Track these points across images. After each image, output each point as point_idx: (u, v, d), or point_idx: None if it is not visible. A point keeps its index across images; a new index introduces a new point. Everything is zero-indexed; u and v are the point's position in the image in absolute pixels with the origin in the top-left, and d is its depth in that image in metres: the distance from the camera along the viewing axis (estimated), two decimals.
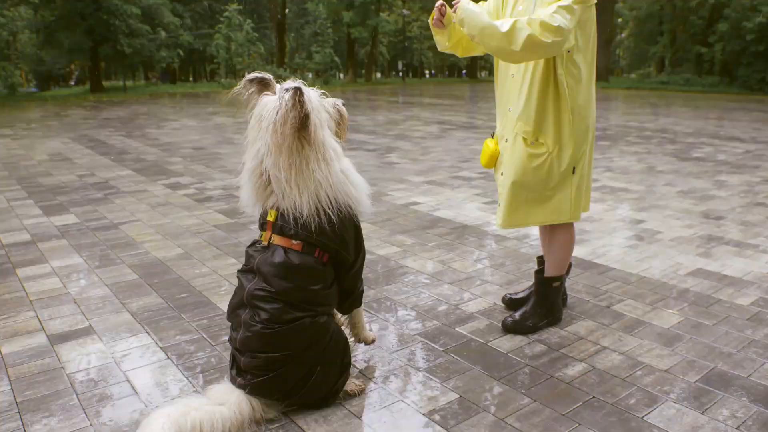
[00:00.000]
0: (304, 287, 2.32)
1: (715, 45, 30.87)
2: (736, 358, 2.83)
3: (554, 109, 2.86)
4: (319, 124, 2.30)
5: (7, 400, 2.50)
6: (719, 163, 8.37)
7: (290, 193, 2.30)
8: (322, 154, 2.30)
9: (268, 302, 2.28)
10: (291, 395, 2.35)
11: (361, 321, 2.79)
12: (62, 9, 28.21)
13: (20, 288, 3.76)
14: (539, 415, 2.37)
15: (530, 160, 2.91)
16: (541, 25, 2.58)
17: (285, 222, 2.35)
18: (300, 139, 2.25)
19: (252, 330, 2.29)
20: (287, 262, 2.32)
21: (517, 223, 3.04)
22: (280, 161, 2.25)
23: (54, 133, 12.10)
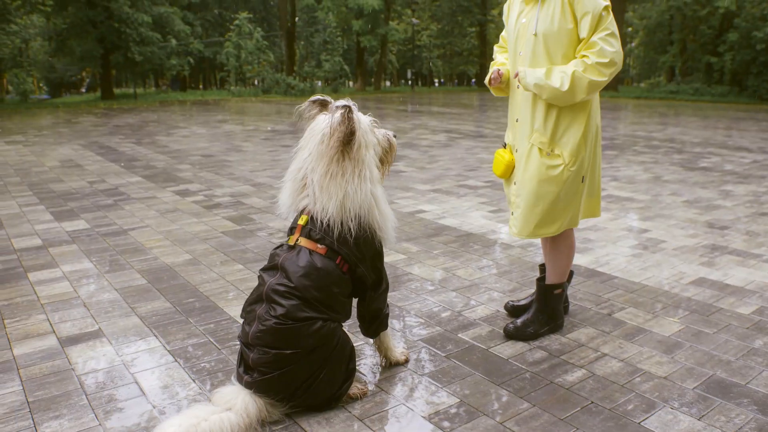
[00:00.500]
0: (322, 287, 2.43)
1: (725, 55, 30.83)
2: (735, 366, 2.86)
3: (570, 120, 2.94)
4: (363, 144, 2.49)
5: (19, 400, 2.56)
6: (726, 173, 8.39)
7: (320, 197, 2.46)
8: (358, 169, 2.47)
9: (286, 298, 2.38)
10: (296, 396, 2.41)
11: (389, 343, 2.85)
12: (74, 17, 28.52)
13: (32, 291, 3.84)
14: (538, 420, 2.41)
15: (546, 171, 2.97)
16: (597, 66, 2.77)
17: (314, 227, 2.51)
18: (342, 152, 2.44)
19: (266, 324, 2.37)
20: (311, 262, 2.45)
21: (532, 233, 3.08)
22: (320, 167, 2.45)
23: (65, 140, 12.24)
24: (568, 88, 2.78)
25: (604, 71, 2.77)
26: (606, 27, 2.80)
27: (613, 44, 2.78)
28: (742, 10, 29.74)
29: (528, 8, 2.98)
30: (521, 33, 3.00)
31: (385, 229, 2.62)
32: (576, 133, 2.94)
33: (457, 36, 51.11)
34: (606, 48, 2.77)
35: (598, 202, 3.24)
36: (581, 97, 2.82)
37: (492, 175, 8.05)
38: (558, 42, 2.87)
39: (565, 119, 2.94)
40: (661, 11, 37.14)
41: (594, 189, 3.17)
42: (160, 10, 31.19)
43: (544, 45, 2.90)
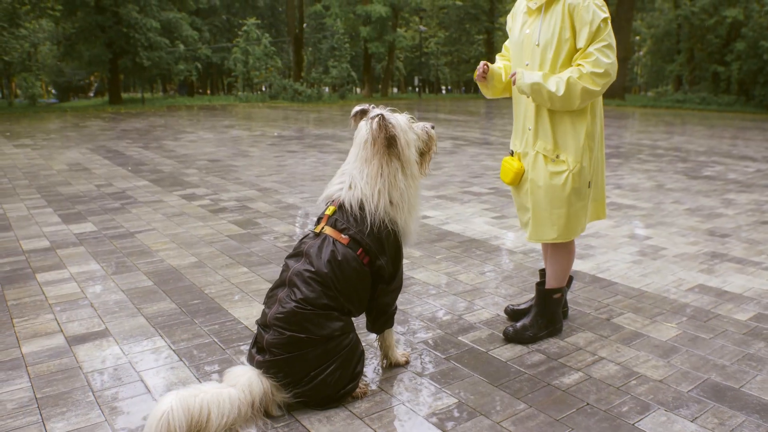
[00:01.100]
0: (342, 276, 2.52)
1: (732, 64, 30.86)
2: (730, 371, 2.90)
3: (573, 127, 3.00)
4: (406, 144, 2.61)
5: (27, 396, 2.63)
6: (729, 181, 8.42)
7: (364, 189, 2.58)
8: (409, 169, 2.63)
9: (308, 283, 2.49)
10: (301, 384, 2.47)
11: (391, 342, 2.91)
12: (83, 21, 28.73)
13: (40, 292, 3.91)
14: (534, 420, 2.46)
15: (551, 178, 3.05)
16: (592, 75, 2.83)
17: (341, 217, 2.62)
18: (390, 155, 2.58)
19: (286, 306, 2.47)
20: (333, 250, 2.54)
21: (542, 237, 3.16)
22: (367, 169, 2.59)
23: (73, 144, 12.35)
24: (563, 94, 2.84)
25: (598, 81, 2.84)
26: (603, 38, 2.86)
27: (609, 55, 2.85)
28: (750, 19, 29.78)
29: (531, 19, 3.04)
30: (526, 44, 3.06)
31: (411, 228, 2.74)
32: (579, 139, 3.00)
33: (465, 43, 51.30)
34: (601, 59, 2.84)
35: (603, 204, 3.31)
36: (576, 103, 2.88)
37: (496, 182, 8.10)
38: (560, 52, 2.94)
39: (567, 126, 3.00)
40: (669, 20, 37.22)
41: (599, 193, 3.26)
42: (168, 15, 31.41)
43: (544, 55, 2.96)
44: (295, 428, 2.41)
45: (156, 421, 2.16)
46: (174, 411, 2.18)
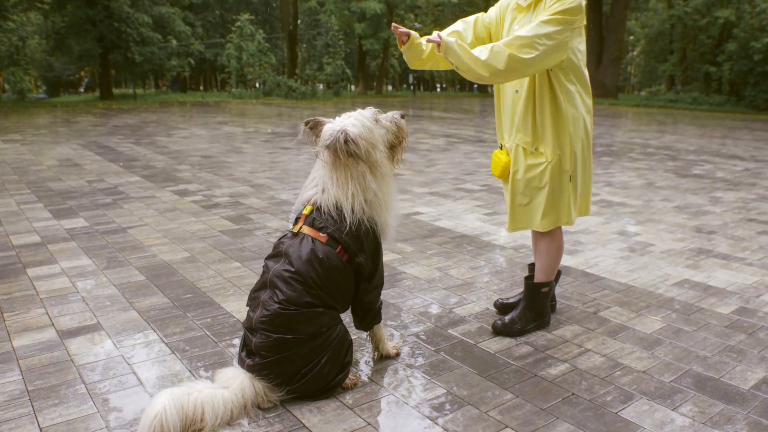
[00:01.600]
0: (323, 274, 2.53)
1: (724, 64, 31.03)
2: (711, 362, 2.96)
3: (552, 120, 3.04)
4: (371, 148, 2.59)
5: (19, 389, 2.66)
6: (717, 180, 8.51)
7: (337, 192, 2.59)
8: (378, 170, 2.62)
9: (289, 283, 2.50)
10: (294, 381, 2.51)
11: (382, 335, 2.95)
12: (73, 15, 28.38)
13: (31, 287, 3.93)
14: (520, 409, 2.51)
15: (529, 170, 3.11)
16: (518, 42, 2.76)
17: (318, 216, 2.63)
18: (356, 161, 2.58)
19: (269, 309, 2.49)
20: (313, 249, 2.56)
21: (521, 227, 3.26)
22: (335, 175, 2.60)
23: (63, 139, 12.32)
24: (487, 58, 2.76)
25: (526, 50, 2.76)
26: (554, 16, 2.81)
27: (543, 29, 2.78)
28: (741, 20, 29.96)
29: (520, 16, 3.08)
30: None
31: (389, 224, 2.75)
32: (558, 132, 3.03)
33: None
34: (537, 30, 2.78)
35: (588, 201, 3.33)
36: (499, 69, 2.77)
37: (489, 179, 8.16)
38: None
39: (547, 119, 3.03)
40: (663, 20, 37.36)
41: (585, 189, 3.26)
42: (160, 10, 31.25)
43: None
44: (287, 419, 2.45)
45: (150, 421, 2.18)
46: (167, 411, 2.21)
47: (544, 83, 3.03)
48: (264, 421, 2.43)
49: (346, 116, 2.66)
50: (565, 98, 3.02)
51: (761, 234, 5.48)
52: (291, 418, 2.45)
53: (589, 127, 3.16)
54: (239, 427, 2.38)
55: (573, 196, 3.18)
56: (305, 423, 2.41)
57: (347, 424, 2.41)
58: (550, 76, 3.01)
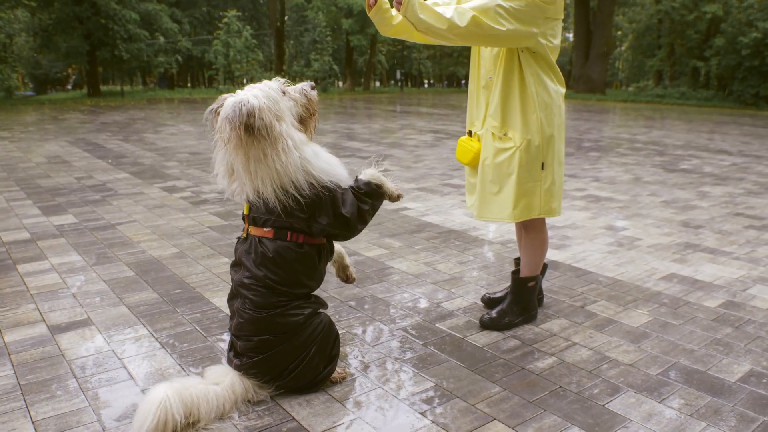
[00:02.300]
0: (280, 270, 2.49)
1: (711, 59, 31.20)
2: (698, 355, 3.01)
3: (521, 105, 3.02)
4: (270, 122, 2.37)
5: (11, 383, 2.66)
6: (704, 174, 8.58)
7: (252, 183, 2.44)
8: (280, 144, 2.39)
9: (252, 289, 2.48)
10: (281, 377, 2.53)
11: (385, 184, 2.86)
12: (60, 12, 28.24)
13: (21, 283, 3.92)
14: (508, 402, 2.54)
15: (499, 154, 3.08)
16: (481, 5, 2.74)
17: (256, 212, 2.53)
18: (254, 138, 2.37)
19: (243, 316, 2.50)
20: (262, 250, 2.50)
21: (490, 215, 3.19)
22: (239, 156, 2.41)
23: (51, 137, 12.25)
24: (451, 16, 2.73)
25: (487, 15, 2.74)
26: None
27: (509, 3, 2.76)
28: (729, 15, 30.12)
29: None
30: None
31: (332, 175, 2.57)
32: (527, 117, 3.01)
33: None
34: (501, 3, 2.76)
35: (560, 197, 3.23)
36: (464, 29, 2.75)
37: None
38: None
39: (517, 105, 3.02)
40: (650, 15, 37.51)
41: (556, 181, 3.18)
42: (147, 7, 31.04)
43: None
44: (276, 412, 2.47)
45: (154, 407, 2.19)
46: (171, 399, 2.22)
47: (513, 67, 3.01)
48: (254, 414, 2.45)
49: (251, 87, 2.48)
50: (535, 81, 2.99)
51: (748, 228, 5.54)
52: (280, 411, 2.47)
53: (563, 114, 3.14)
54: (230, 420, 2.40)
55: (548, 185, 3.12)
56: (294, 416, 2.43)
57: (336, 417, 2.44)
58: (520, 60, 2.98)
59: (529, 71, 2.99)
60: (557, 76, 3.10)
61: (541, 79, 3.02)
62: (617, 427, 2.38)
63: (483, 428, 2.36)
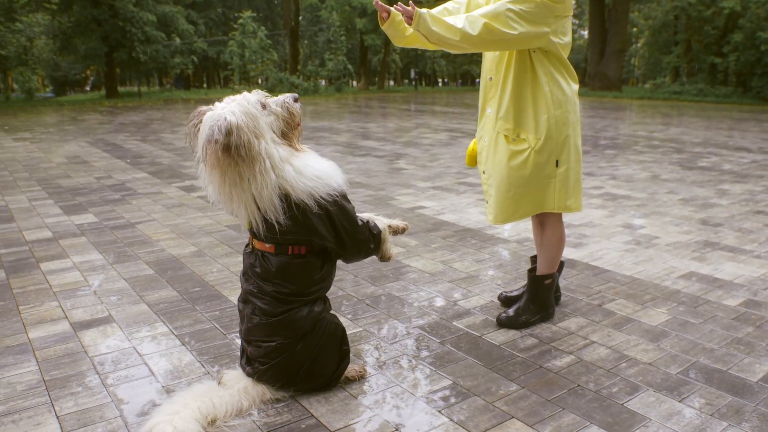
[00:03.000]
0: (287, 283, 2.48)
1: (730, 55, 30.86)
2: (718, 354, 2.99)
3: (533, 105, 3.03)
4: (252, 138, 2.28)
5: (36, 378, 2.71)
6: (724, 172, 8.50)
7: (228, 206, 2.40)
8: (257, 166, 2.30)
9: (260, 298, 2.49)
10: (295, 382, 2.55)
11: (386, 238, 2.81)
12: (79, 15, 28.64)
13: (44, 280, 3.98)
14: (526, 400, 2.55)
15: (513, 157, 3.09)
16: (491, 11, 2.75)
17: (256, 228, 2.45)
18: (231, 156, 2.27)
19: (252, 322, 2.52)
20: (266, 265, 2.48)
21: (506, 218, 3.20)
22: (216, 178, 2.34)
23: (71, 137, 12.39)
24: (463, 26, 2.74)
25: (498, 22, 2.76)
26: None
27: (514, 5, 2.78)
28: (747, 10, 29.76)
29: None
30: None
31: (325, 188, 2.44)
32: (540, 117, 3.02)
33: None
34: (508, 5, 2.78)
35: (579, 193, 3.22)
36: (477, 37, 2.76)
37: None
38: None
39: (529, 106, 3.03)
40: (666, 11, 37.17)
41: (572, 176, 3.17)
42: (164, 8, 31.35)
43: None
44: (295, 408, 2.49)
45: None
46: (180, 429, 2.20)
47: (526, 67, 3.01)
48: (273, 410, 2.47)
49: (229, 100, 2.36)
50: (548, 80, 3.00)
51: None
52: (299, 408, 2.49)
53: (577, 112, 3.14)
54: (249, 417, 2.42)
55: (564, 182, 3.12)
56: (313, 413, 2.45)
57: (354, 413, 2.45)
58: (533, 59, 2.99)
59: (542, 70, 3.00)
60: (570, 73, 3.10)
61: (555, 78, 3.02)
62: (636, 426, 2.37)
63: (501, 426, 2.37)
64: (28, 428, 2.35)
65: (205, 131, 2.28)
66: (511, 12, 2.78)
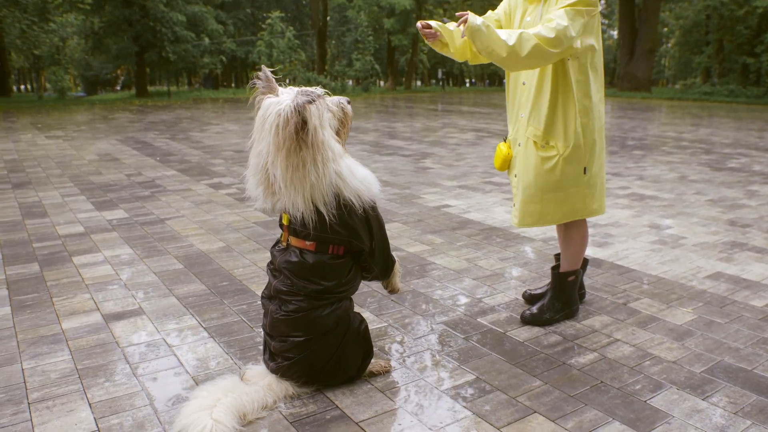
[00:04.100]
0: (320, 283, 2.51)
1: (762, 55, 30.33)
2: (743, 353, 2.97)
3: (563, 113, 3.05)
4: (318, 126, 2.36)
5: (69, 367, 2.79)
6: (754, 173, 8.38)
7: (288, 192, 2.40)
8: (320, 155, 2.36)
9: (291, 296, 2.52)
10: (319, 378, 2.58)
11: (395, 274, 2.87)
12: (111, 15, 29.17)
13: (76, 274, 4.09)
14: (549, 396, 2.56)
15: (542, 163, 3.11)
16: (545, 36, 2.77)
17: (296, 223, 2.50)
18: (299, 141, 2.33)
19: (276, 316, 2.55)
20: (303, 262, 2.50)
21: (532, 222, 3.23)
22: (279, 160, 2.36)
23: (102, 135, 12.63)
24: (514, 44, 2.75)
25: (548, 43, 2.77)
26: (574, 5, 2.82)
27: (565, 20, 2.79)
28: None
29: (531, 7, 3.10)
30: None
31: (369, 190, 2.53)
32: (569, 125, 3.04)
33: None
34: (559, 22, 2.79)
35: (603, 196, 3.28)
36: (521, 55, 2.77)
37: None
38: None
39: (558, 112, 3.05)
40: (698, 11, 36.64)
41: (601, 180, 3.25)
42: (194, 9, 31.75)
43: None
44: (320, 400, 2.53)
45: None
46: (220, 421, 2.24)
47: (559, 74, 3.03)
48: (299, 402, 2.52)
49: (290, 90, 2.44)
50: (577, 88, 3.02)
51: None
52: (324, 399, 2.54)
53: (603, 118, 3.17)
54: (276, 408, 2.47)
55: (591, 188, 3.17)
56: (338, 404, 2.50)
57: (378, 406, 2.49)
58: (566, 66, 3.01)
59: (574, 78, 3.01)
60: (599, 79, 3.11)
61: (584, 85, 3.03)
62: (659, 423, 2.37)
63: (524, 420, 2.39)
64: (62, 414, 2.43)
65: (273, 112, 2.33)
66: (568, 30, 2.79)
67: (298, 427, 2.35)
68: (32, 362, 2.85)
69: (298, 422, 2.38)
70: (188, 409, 2.31)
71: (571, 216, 3.19)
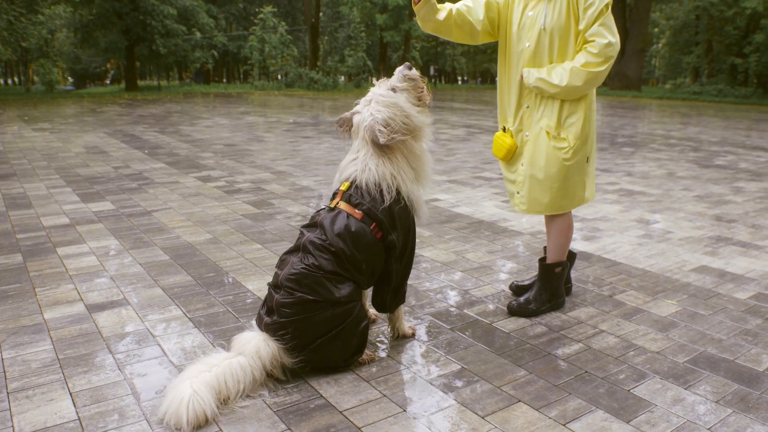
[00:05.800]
0: (354, 248, 2.61)
1: (750, 56, 30.52)
2: (726, 344, 2.99)
3: (574, 107, 3.12)
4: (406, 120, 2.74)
5: (50, 357, 2.77)
6: (740, 170, 8.44)
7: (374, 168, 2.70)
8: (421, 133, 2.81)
9: (320, 251, 2.59)
10: (307, 349, 2.57)
11: (401, 315, 3.00)
12: (100, 8, 28.85)
13: (60, 264, 4.05)
14: (533, 385, 2.57)
15: (555, 153, 3.15)
16: (594, 60, 2.95)
17: (355, 193, 2.72)
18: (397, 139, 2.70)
19: (296, 267, 2.58)
20: (347, 224, 2.64)
21: (540, 210, 3.28)
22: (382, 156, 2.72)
23: (90, 128, 12.54)
24: (567, 83, 2.98)
25: (600, 62, 2.95)
26: (604, 22, 2.95)
27: (606, 37, 2.94)
28: None
29: (535, 2, 3.11)
30: (528, 26, 3.12)
31: (420, 200, 2.90)
32: (579, 119, 3.12)
33: None
34: (600, 41, 2.93)
35: (593, 184, 3.38)
36: (581, 88, 3.01)
37: None
38: (564, 36, 3.02)
39: (569, 106, 3.12)
40: (688, 11, 36.82)
41: (592, 170, 3.36)
42: (185, 2, 31.54)
43: (550, 39, 3.04)
44: (304, 389, 2.53)
45: (185, 407, 2.22)
46: (199, 393, 2.27)
47: None
48: (283, 391, 2.51)
49: (365, 102, 2.77)
50: None
51: None
52: (308, 388, 2.53)
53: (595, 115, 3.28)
54: (260, 397, 2.46)
55: (588, 176, 3.29)
56: (322, 393, 2.49)
57: (363, 395, 2.48)
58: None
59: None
60: None
61: None
62: (642, 412, 2.38)
63: (508, 409, 2.39)
64: (42, 403, 2.40)
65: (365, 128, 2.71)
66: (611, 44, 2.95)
67: (282, 415, 2.34)
68: (12, 352, 2.82)
69: (282, 411, 2.37)
70: (172, 382, 2.36)
71: (573, 204, 3.26)
